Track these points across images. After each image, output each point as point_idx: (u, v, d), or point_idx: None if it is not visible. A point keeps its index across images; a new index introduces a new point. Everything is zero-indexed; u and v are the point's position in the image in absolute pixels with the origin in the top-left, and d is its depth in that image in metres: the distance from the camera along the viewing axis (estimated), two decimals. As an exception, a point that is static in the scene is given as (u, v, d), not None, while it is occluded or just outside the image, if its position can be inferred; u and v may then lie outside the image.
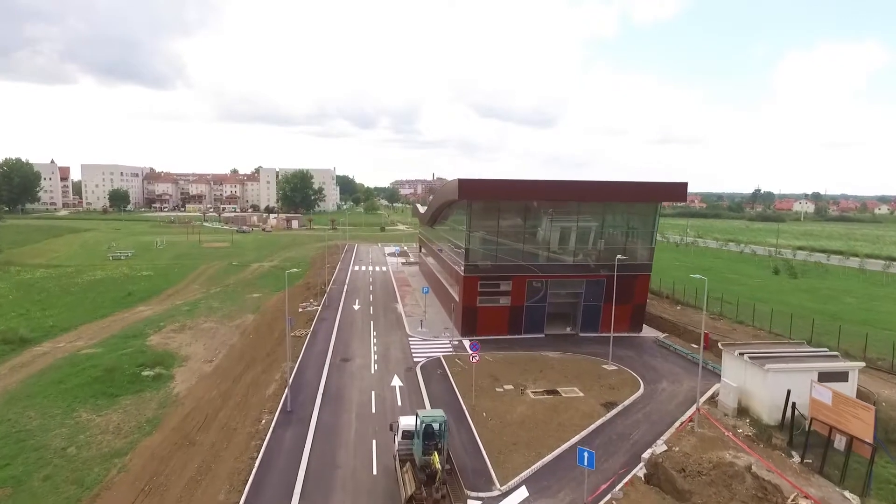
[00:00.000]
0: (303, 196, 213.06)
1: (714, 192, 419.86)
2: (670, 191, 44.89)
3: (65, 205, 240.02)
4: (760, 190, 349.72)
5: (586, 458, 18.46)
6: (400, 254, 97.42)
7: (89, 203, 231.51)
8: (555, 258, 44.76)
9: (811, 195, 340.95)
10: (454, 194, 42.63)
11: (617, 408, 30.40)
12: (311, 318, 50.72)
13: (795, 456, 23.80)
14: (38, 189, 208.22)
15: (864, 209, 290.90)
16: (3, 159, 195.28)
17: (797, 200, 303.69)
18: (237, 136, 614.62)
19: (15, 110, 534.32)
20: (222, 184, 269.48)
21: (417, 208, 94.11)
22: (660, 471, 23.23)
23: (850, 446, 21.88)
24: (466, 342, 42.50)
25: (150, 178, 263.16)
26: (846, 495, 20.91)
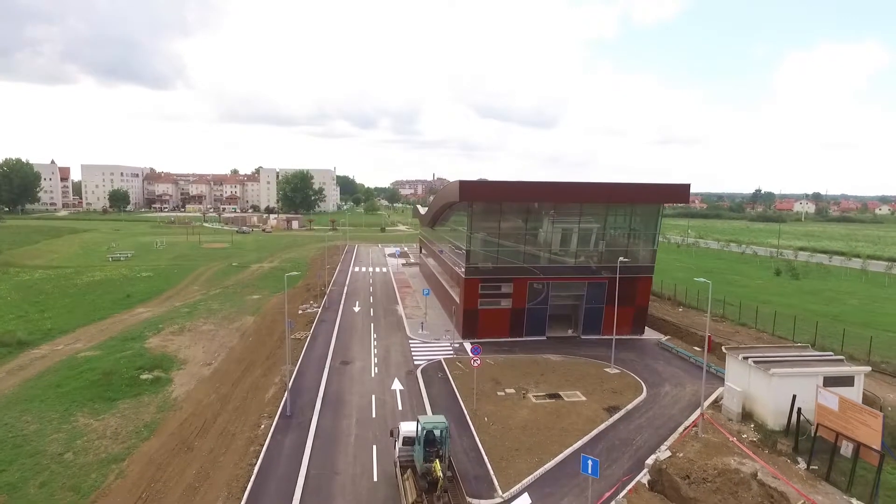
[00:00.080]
0: (303, 196, 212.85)
1: (714, 192, 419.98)
2: (672, 192, 44.60)
3: (65, 205, 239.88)
4: (761, 190, 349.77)
5: (590, 466, 18.15)
6: (400, 255, 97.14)
7: (89, 203, 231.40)
8: (556, 260, 44.47)
9: (811, 195, 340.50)
10: (455, 196, 42.33)
11: (620, 412, 30.11)
12: (311, 320, 50.44)
13: (801, 462, 23.49)
14: (38, 189, 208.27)
15: (864, 210, 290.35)
16: (3, 160, 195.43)
17: (798, 201, 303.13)
18: (237, 137, 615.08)
19: (15, 111, 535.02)
20: (222, 184, 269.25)
21: (418, 209, 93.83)
22: (664, 477, 22.93)
23: (858, 453, 21.57)
24: (467, 345, 42.22)
25: (151, 178, 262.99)
26: (853, 503, 20.60)
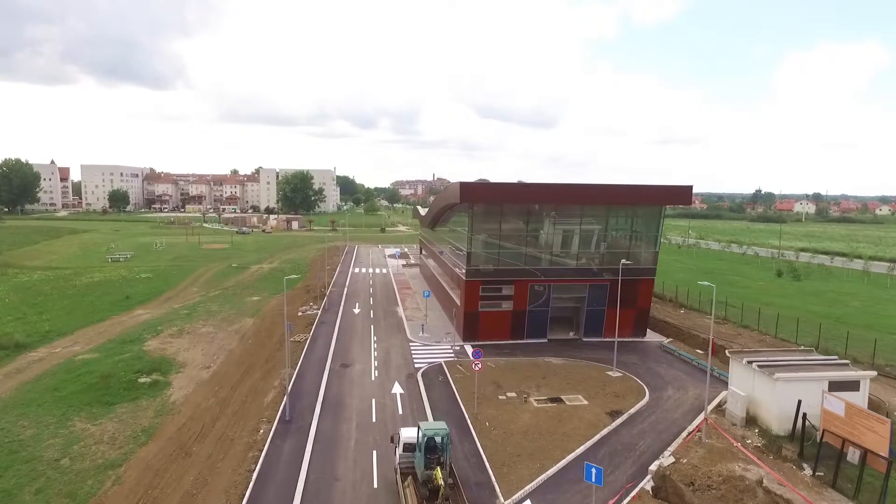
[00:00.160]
0: (303, 197, 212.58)
1: (714, 192, 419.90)
2: (675, 194, 44.27)
3: (64, 205, 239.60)
4: (761, 190, 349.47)
5: (594, 474, 17.85)
6: (401, 256, 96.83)
7: (89, 204, 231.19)
8: (558, 262, 44.15)
9: (812, 196, 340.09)
10: (456, 197, 42.03)
11: (622, 416, 29.80)
12: (310, 322, 50.14)
13: (807, 468, 23.16)
14: (38, 190, 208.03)
15: (865, 210, 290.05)
16: (2, 160, 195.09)
17: (798, 201, 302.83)
18: (237, 137, 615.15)
19: (15, 111, 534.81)
20: (222, 184, 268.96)
21: (418, 210, 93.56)
22: (668, 484, 22.64)
23: (865, 460, 21.26)
24: (468, 347, 41.94)
25: (150, 178, 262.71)
26: (861, 510, 20.31)
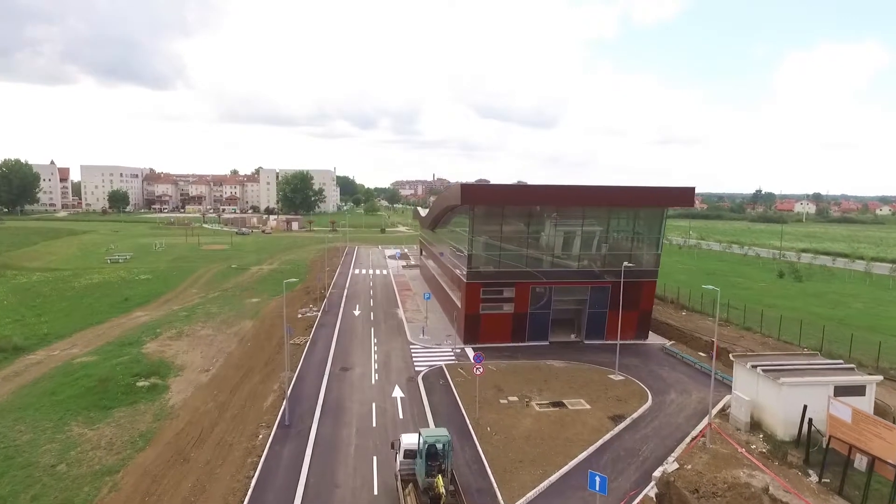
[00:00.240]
0: (303, 197, 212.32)
1: (715, 192, 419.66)
2: (677, 196, 43.95)
3: (64, 206, 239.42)
4: (761, 191, 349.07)
5: (598, 482, 17.55)
6: (401, 257, 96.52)
7: (89, 204, 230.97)
8: (559, 264, 43.85)
9: (812, 196, 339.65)
10: (456, 199, 41.74)
11: (625, 421, 29.50)
12: (310, 324, 49.83)
13: (813, 475, 22.87)
14: (38, 190, 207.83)
15: (865, 210, 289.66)
16: (2, 160, 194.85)
17: (798, 201, 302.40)
18: (237, 137, 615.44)
19: (15, 111, 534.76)
20: (222, 185, 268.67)
21: (418, 212, 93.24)
22: (672, 490, 22.33)
23: (873, 467, 20.96)
24: (469, 350, 41.66)
25: (150, 178, 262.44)
26: (868, 518, 20.02)
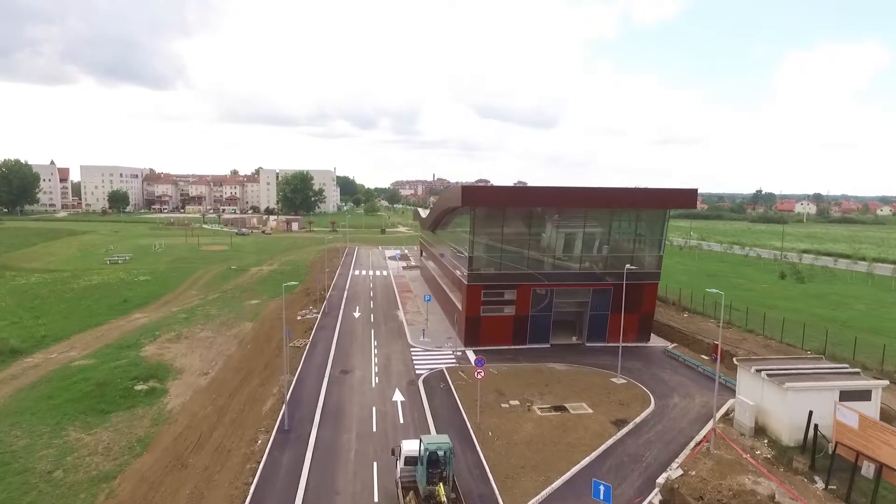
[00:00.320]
0: (303, 197, 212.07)
1: (715, 192, 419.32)
2: (680, 197, 43.59)
3: (64, 206, 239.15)
4: (762, 191, 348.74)
5: (602, 491, 17.26)
6: (401, 258, 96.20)
7: (88, 204, 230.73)
8: (561, 266, 43.54)
9: (812, 196, 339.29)
10: (457, 201, 41.43)
11: (628, 426, 29.19)
12: (310, 326, 49.53)
13: (819, 482, 22.59)
14: (38, 190, 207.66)
15: (866, 210, 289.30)
16: (2, 160, 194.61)
17: (799, 201, 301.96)
18: (237, 137, 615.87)
19: (15, 111, 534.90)
20: (222, 185, 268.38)
21: (419, 212, 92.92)
22: (676, 498, 22.04)
23: (880, 474, 20.68)
24: (470, 353, 41.39)
25: (150, 179, 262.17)
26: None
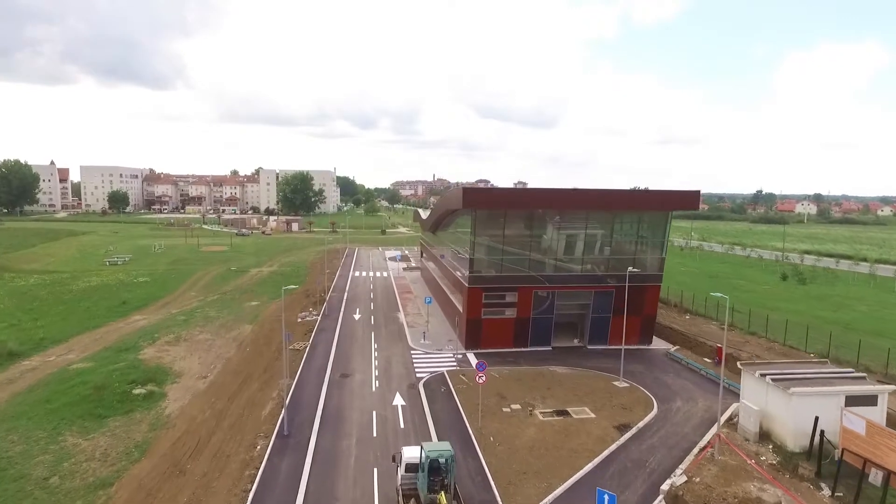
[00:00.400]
0: (303, 198, 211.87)
1: (715, 192, 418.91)
2: (682, 199, 43.28)
3: (64, 206, 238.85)
4: (762, 191, 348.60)
5: (606, 500, 16.94)
6: (401, 259, 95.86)
7: (88, 205, 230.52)
8: (562, 268, 43.23)
9: (812, 196, 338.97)
10: (458, 203, 41.15)
11: (631, 430, 28.88)
12: (310, 328, 49.23)
13: (825, 489, 22.28)
14: (37, 191, 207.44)
15: (866, 211, 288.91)
16: (1, 161, 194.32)
17: (799, 202, 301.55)
18: (237, 137, 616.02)
19: (15, 111, 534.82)
20: (222, 185, 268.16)
21: (419, 213, 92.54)
22: (681, 505, 21.75)
23: (888, 482, 20.38)
24: (471, 355, 41.13)
25: (150, 179, 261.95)
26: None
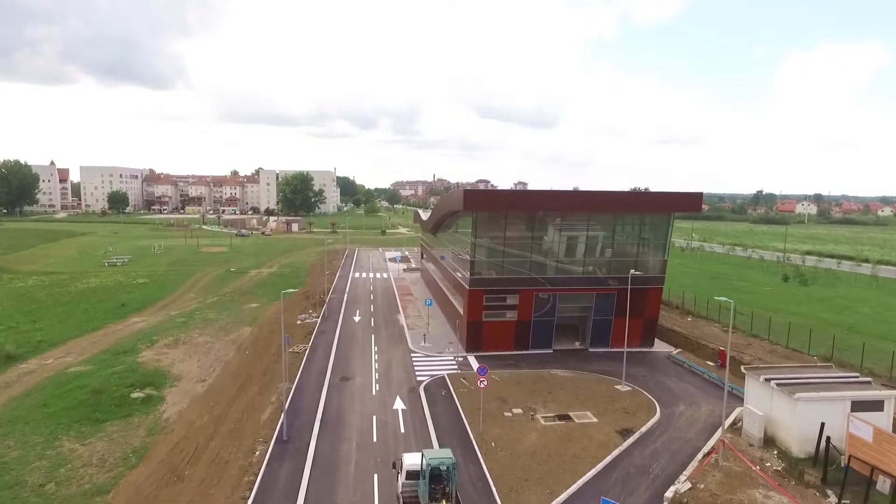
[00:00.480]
0: (303, 198, 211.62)
1: (715, 192, 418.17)
2: (685, 201, 42.97)
3: (63, 207, 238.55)
4: (762, 191, 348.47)
5: (611, 510, 16.67)
6: (401, 260, 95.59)
7: (88, 205, 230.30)
8: (564, 270, 42.93)
9: (813, 196, 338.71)
10: (459, 204, 40.86)
11: (634, 435, 28.57)
12: (309, 331, 48.94)
13: (832, 496, 21.99)
14: (37, 191, 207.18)
15: (867, 211, 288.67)
16: (1, 161, 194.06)
17: (800, 202, 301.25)
18: (237, 137, 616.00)
19: (15, 111, 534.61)
20: (222, 186, 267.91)
21: (419, 214, 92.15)
22: (685, 513, 21.47)
23: (896, 490, 20.11)
24: (471, 358, 40.85)
25: (150, 179, 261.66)
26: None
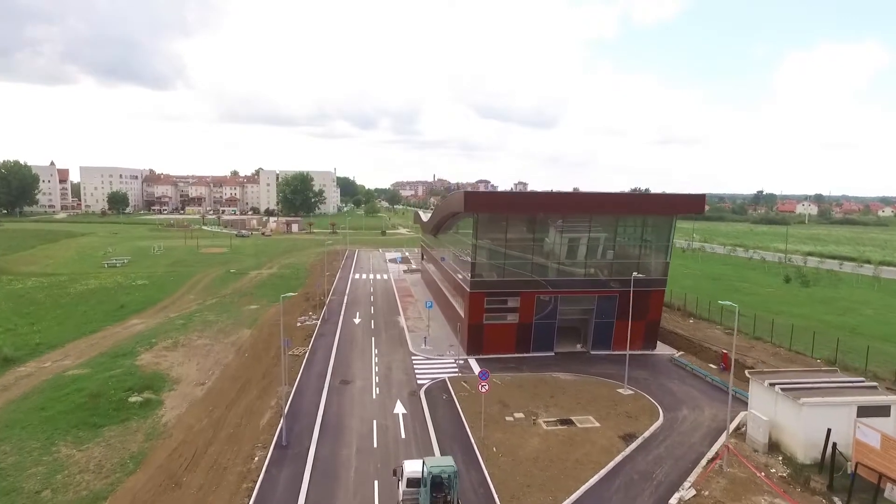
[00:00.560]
0: (303, 198, 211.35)
1: (716, 193, 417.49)
2: (687, 203, 42.65)
3: (63, 207, 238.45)
4: (763, 191, 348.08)
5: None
6: (402, 261, 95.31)
7: (88, 206, 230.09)
8: (565, 272, 42.62)
9: (813, 197, 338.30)
10: (460, 206, 40.56)
11: (636, 441, 28.29)
12: (309, 333, 48.65)
13: (838, 503, 21.70)
14: (37, 192, 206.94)
15: (867, 211, 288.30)
16: (1, 161, 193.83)
17: (800, 202, 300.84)
18: (237, 137, 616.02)
19: (15, 111, 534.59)
20: (222, 186, 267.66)
21: (419, 215, 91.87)
22: (690, 520, 21.18)
23: (904, 498, 19.82)
24: (472, 361, 40.57)
25: (150, 180, 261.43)
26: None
